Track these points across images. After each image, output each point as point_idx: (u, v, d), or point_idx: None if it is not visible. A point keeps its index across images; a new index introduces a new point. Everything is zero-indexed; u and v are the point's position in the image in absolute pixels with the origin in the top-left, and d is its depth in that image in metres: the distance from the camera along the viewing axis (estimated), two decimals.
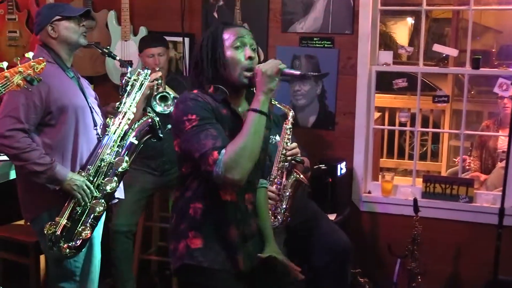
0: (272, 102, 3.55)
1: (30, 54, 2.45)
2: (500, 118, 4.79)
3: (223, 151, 2.17)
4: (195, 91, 2.34)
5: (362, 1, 3.97)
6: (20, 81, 2.34)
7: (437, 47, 4.18)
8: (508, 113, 4.42)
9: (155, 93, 3.47)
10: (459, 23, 6.96)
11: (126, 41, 4.32)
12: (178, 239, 2.37)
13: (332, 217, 3.80)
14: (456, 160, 5.44)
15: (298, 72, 2.32)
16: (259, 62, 2.37)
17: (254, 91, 2.31)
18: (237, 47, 2.33)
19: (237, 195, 2.36)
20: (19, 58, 2.41)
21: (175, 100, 2.43)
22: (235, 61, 2.32)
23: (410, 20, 8.99)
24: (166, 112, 3.45)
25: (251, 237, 2.45)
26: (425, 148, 6.92)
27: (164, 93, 3.47)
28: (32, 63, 2.40)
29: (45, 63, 2.45)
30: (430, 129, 6.63)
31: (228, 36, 2.33)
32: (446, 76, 6.64)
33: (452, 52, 4.51)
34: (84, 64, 4.38)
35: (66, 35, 3.06)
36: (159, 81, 3.57)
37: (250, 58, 2.32)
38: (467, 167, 4.89)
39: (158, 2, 4.41)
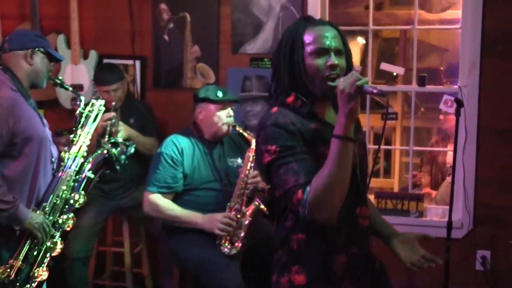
0: (237, 128, 3.54)
1: None
2: (448, 134, 4.91)
3: (308, 189, 1.88)
4: (275, 110, 2.04)
5: None
6: None
7: (384, 66, 4.28)
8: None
9: (106, 138, 3.43)
10: (407, 42, 7.13)
11: (76, 65, 4.28)
12: (281, 272, 2.09)
13: None
14: (407, 176, 5.54)
15: (377, 91, 1.88)
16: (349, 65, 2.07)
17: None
18: (319, 53, 2.02)
19: (345, 215, 2.01)
20: None
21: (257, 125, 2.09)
22: (315, 70, 2.01)
23: (361, 40, 9.13)
24: (121, 154, 3.38)
25: (368, 259, 2.19)
26: (378, 166, 7.01)
27: (114, 140, 3.40)
28: None
29: None
30: (380, 146, 6.71)
31: (309, 40, 2.02)
32: (396, 94, 6.78)
33: (399, 70, 4.63)
34: None
35: (40, 69, 2.96)
36: (113, 120, 3.56)
37: (332, 67, 2.00)
38: (418, 183, 4.99)
39: (108, 26, 4.40)
